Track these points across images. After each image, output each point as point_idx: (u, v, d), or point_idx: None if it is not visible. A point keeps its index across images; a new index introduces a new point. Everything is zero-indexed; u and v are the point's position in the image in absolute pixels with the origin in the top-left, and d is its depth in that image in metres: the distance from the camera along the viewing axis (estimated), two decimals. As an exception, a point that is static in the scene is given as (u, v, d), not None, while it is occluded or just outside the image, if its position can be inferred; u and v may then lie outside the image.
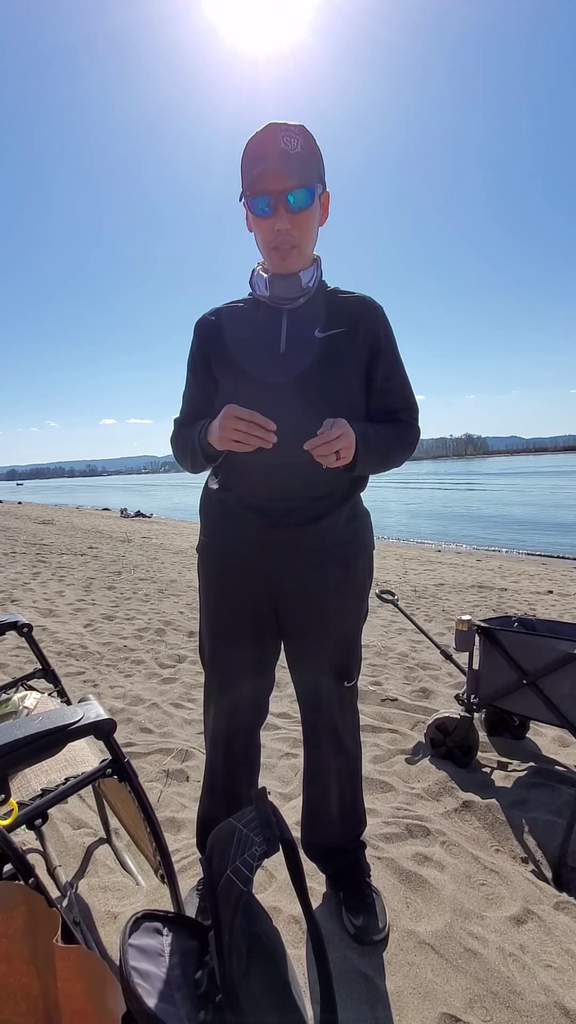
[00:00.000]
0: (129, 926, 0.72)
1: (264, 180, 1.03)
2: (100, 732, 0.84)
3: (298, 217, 1.06)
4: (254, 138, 1.04)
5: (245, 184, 1.06)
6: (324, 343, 1.14)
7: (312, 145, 1.05)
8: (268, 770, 1.97)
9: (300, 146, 1.03)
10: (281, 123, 1.02)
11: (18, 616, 1.41)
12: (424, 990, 1.12)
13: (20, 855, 0.72)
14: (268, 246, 1.10)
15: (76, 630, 3.89)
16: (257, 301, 1.18)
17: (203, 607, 1.27)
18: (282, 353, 1.13)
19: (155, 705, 2.56)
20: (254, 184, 1.04)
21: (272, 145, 1.02)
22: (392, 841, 1.57)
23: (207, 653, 1.27)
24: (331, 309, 1.17)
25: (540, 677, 1.82)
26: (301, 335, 1.14)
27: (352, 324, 1.16)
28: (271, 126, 1.02)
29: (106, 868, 1.47)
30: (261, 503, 1.14)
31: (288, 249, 1.08)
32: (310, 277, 1.14)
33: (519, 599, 5.25)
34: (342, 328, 1.15)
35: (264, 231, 1.08)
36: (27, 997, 0.62)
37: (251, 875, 0.66)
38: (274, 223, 1.06)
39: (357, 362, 1.17)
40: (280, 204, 1.04)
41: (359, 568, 1.22)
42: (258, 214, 1.07)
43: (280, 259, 1.10)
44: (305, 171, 1.03)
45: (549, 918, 1.30)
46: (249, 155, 1.05)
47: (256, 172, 1.03)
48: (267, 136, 1.02)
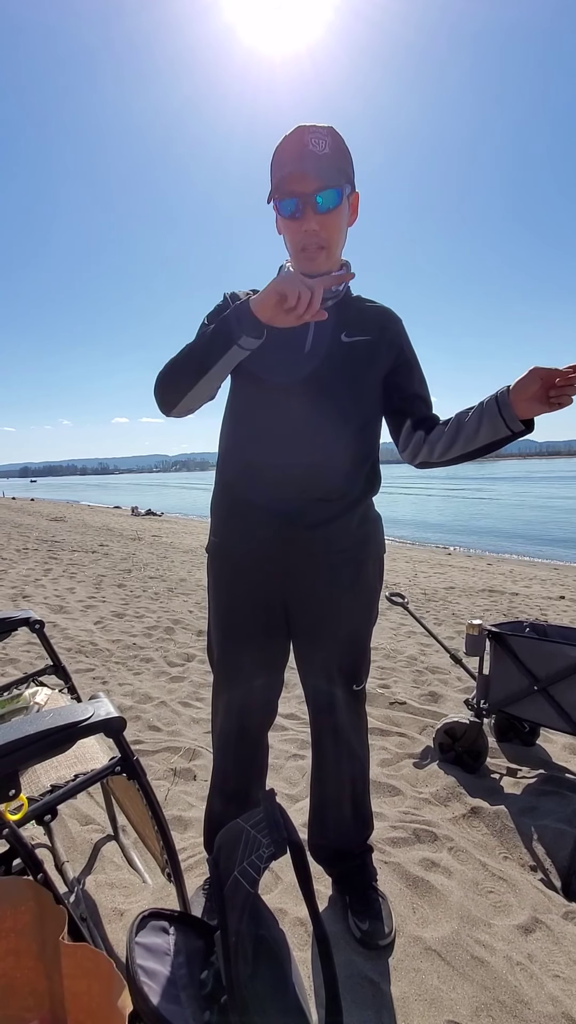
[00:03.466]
0: (136, 924, 0.72)
1: (292, 182, 1.03)
2: (110, 730, 0.84)
3: (326, 218, 1.06)
4: (283, 141, 1.04)
5: (274, 186, 1.06)
6: (349, 348, 1.14)
7: (341, 146, 1.05)
8: (275, 771, 1.97)
9: (328, 147, 1.02)
10: (309, 125, 1.02)
11: (30, 612, 1.42)
12: (430, 997, 1.11)
13: (30, 850, 0.73)
14: (297, 247, 1.09)
15: (86, 627, 3.91)
16: None
17: (212, 607, 1.27)
18: (306, 353, 1.13)
19: (164, 703, 2.57)
20: (282, 186, 1.04)
21: (300, 147, 1.02)
22: (399, 846, 1.56)
23: (216, 653, 1.27)
24: (357, 316, 1.18)
25: (552, 683, 1.80)
26: (327, 337, 1.14)
27: (376, 333, 1.17)
28: (299, 128, 1.02)
29: (113, 865, 1.47)
30: (274, 503, 1.14)
31: (316, 250, 1.08)
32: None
33: (530, 604, 5.20)
34: (367, 336, 1.15)
35: (293, 232, 1.08)
36: (33, 993, 0.63)
37: (258, 877, 0.66)
38: (302, 225, 1.06)
39: (379, 370, 1.17)
40: (308, 206, 1.04)
41: (370, 571, 1.22)
42: (287, 216, 1.07)
43: (308, 260, 1.09)
44: (333, 172, 1.03)
45: (558, 928, 1.29)
46: (278, 158, 1.05)
47: (284, 174, 1.03)
48: (295, 138, 1.02)
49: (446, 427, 1.13)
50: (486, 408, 1.04)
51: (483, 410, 1.05)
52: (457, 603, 5.18)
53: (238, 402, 1.19)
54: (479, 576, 7.20)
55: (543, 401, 0.97)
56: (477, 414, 1.06)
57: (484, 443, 1.07)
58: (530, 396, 0.97)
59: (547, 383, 0.96)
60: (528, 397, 0.98)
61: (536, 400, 0.97)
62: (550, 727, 1.85)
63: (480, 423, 1.05)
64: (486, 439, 1.06)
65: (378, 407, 1.21)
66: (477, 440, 1.07)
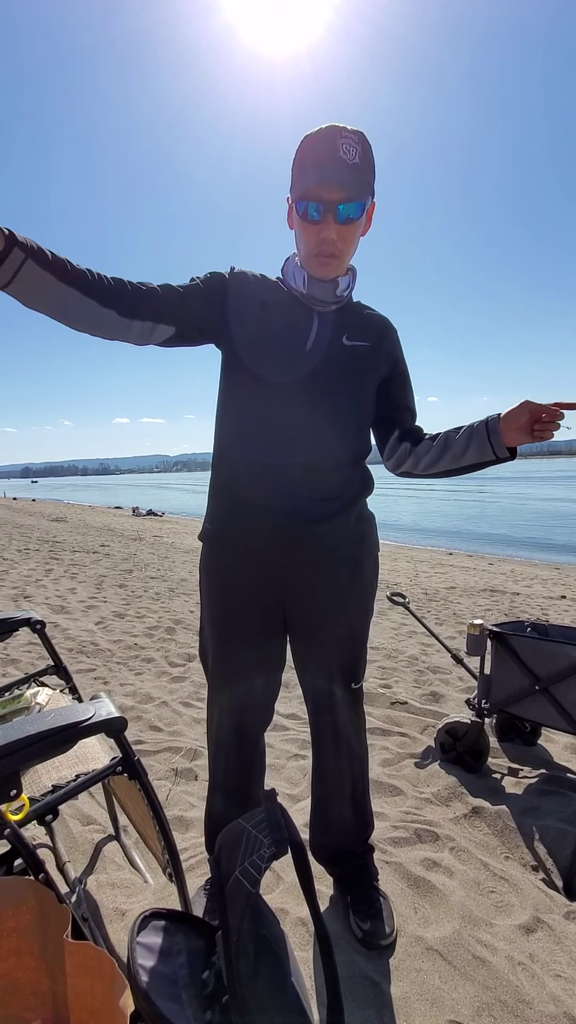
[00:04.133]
0: (137, 924, 0.73)
1: (320, 188, 1.01)
2: (111, 730, 0.84)
3: (345, 229, 1.06)
4: (313, 139, 1.02)
5: (299, 186, 1.04)
6: (350, 351, 1.15)
7: (368, 155, 1.03)
8: (276, 771, 1.97)
9: (358, 156, 1.01)
10: (342, 127, 1.00)
11: (31, 612, 1.42)
12: (431, 997, 1.11)
13: (31, 850, 0.73)
14: (310, 252, 1.09)
15: (87, 627, 3.92)
16: (289, 292, 1.17)
17: (207, 603, 1.25)
18: (307, 352, 1.13)
19: (165, 703, 2.57)
20: (309, 190, 1.02)
21: (332, 152, 1.00)
22: (400, 845, 1.56)
23: (213, 653, 1.25)
24: (357, 321, 1.19)
25: (553, 683, 1.80)
26: (329, 339, 1.14)
27: (376, 340, 1.18)
28: (332, 129, 1.00)
29: (115, 865, 1.47)
30: (272, 501, 1.14)
31: (328, 257, 1.08)
32: (346, 286, 1.15)
33: (531, 604, 5.20)
34: (367, 342, 1.17)
35: (309, 235, 1.07)
36: (36, 992, 0.63)
37: (259, 876, 0.66)
38: (320, 231, 1.05)
39: (376, 376, 1.20)
40: (330, 213, 1.03)
41: (367, 569, 1.23)
42: (307, 219, 1.06)
43: (320, 267, 1.10)
44: (360, 184, 1.02)
45: (559, 928, 1.29)
46: (307, 158, 1.03)
47: (313, 179, 1.01)
48: (327, 140, 1.00)
49: (433, 442, 1.18)
50: (476, 431, 1.10)
51: (472, 432, 1.11)
52: (458, 603, 5.18)
53: (236, 400, 1.18)
54: (480, 576, 7.20)
55: (528, 432, 1.04)
56: (466, 435, 1.12)
57: (469, 463, 1.14)
58: (518, 427, 1.05)
59: (534, 416, 1.03)
60: (516, 427, 1.05)
61: (522, 431, 1.05)
62: (551, 727, 1.85)
63: (468, 444, 1.11)
64: (472, 460, 1.13)
65: (371, 411, 1.23)
66: (463, 460, 1.14)
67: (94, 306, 0.93)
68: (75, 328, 0.96)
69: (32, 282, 0.85)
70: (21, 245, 0.82)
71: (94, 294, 0.92)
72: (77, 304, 0.91)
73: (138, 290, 1.00)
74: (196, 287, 1.11)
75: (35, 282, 0.85)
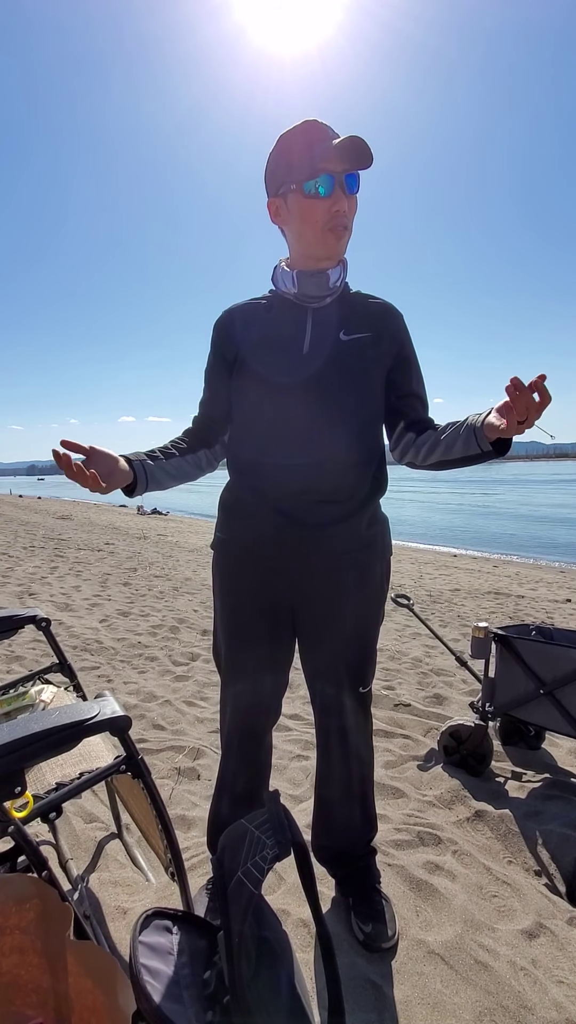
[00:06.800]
0: (139, 923, 0.73)
1: (326, 162, 1.03)
2: (116, 728, 0.85)
3: (352, 201, 1.09)
4: (295, 132, 1.06)
5: (298, 171, 1.05)
6: (349, 346, 1.13)
7: None
8: (279, 772, 1.97)
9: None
10: (321, 121, 1.05)
11: (36, 610, 1.43)
12: (433, 1000, 1.11)
13: (35, 848, 0.73)
14: (323, 228, 1.08)
15: (92, 625, 3.93)
16: (281, 298, 1.17)
17: (219, 606, 1.27)
18: (305, 354, 1.12)
19: (168, 702, 2.58)
20: (316, 167, 1.04)
21: (321, 134, 1.04)
22: (403, 848, 1.55)
23: (223, 652, 1.27)
24: (356, 312, 1.17)
25: (558, 687, 1.79)
26: (326, 336, 1.13)
27: (377, 330, 1.16)
28: (315, 121, 1.05)
29: (117, 863, 1.48)
30: (281, 503, 1.14)
31: (342, 230, 1.09)
32: (337, 276, 1.14)
33: (536, 607, 5.17)
34: (367, 333, 1.15)
35: (320, 211, 1.07)
36: (37, 990, 0.63)
37: (262, 877, 0.66)
38: (332, 204, 1.06)
39: (380, 368, 1.17)
40: (340, 185, 1.05)
41: (377, 573, 1.22)
42: (319, 194, 1.06)
43: (336, 240, 1.09)
44: (356, 155, 1.05)
45: (562, 933, 1.28)
46: (299, 146, 1.05)
47: (318, 154, 1.03)
48: (311, 127, 1.05)
49: (435, 432, 1.15)
50: (469, 424, 1.07)
51: (465, 425, 1.08)
52: (463, 605, 5.16)
53: (243, 402, 1.18)
54: (485, 578, 7.17)
55: (512, 426, 0.97)
56: (459, 428, 1.09)
57: (458, 456, 1.09)
58: (502, 422, 0.98)
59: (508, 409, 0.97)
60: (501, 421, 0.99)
61: (509, 425, 0.98)
62: (556, 731, 1.84)
63: (458, 437, 1.08)
64: (459, 453, 1.09)
65: (381, 405, 1.20)
66: (452, 452, 1.10)
67: (191, 460, 1.24)
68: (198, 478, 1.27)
69: (157, 483, 1.15)
70: (137, 470, 1.10)
71: (187, 455, 1.23)
72: (190, 469, 1.23)
73: (198, 433, 1.27)
74: (207, 389, 1.26)
75: (159, 482, 1.16)
